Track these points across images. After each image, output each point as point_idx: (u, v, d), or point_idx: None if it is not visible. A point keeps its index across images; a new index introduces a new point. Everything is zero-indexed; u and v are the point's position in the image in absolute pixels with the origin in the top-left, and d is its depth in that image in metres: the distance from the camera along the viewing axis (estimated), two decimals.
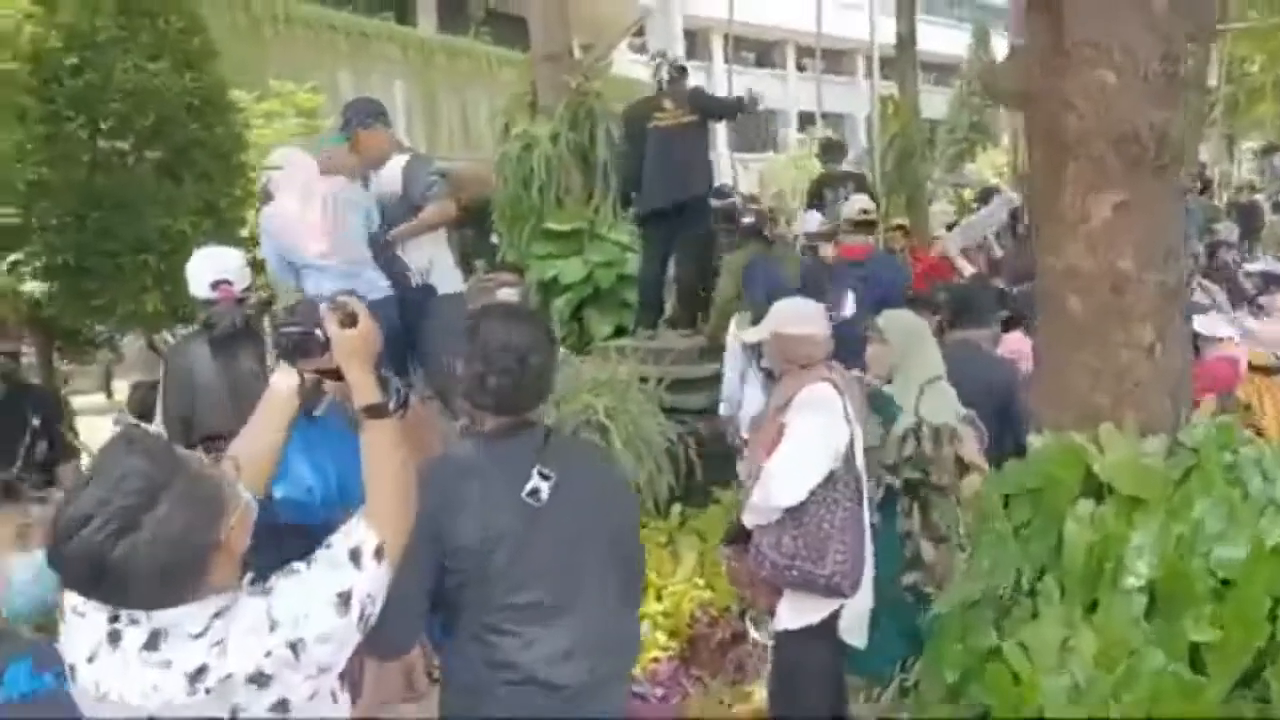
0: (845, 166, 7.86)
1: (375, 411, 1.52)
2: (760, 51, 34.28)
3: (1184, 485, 2.16)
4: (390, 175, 4.03)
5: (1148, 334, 2.26)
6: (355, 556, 1.38)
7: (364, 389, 1.53)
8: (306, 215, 3.86)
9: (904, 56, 9.04)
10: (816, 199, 7.13)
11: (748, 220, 5.46)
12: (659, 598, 3.92)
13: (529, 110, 6.33)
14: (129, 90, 4.15)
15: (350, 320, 1.55)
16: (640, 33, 22.58)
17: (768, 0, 31.60)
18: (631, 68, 23.57)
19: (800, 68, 34.37)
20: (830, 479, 2.64)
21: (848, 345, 3.29)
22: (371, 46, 15.58)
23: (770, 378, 3.52)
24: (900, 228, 7.53)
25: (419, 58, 16.57)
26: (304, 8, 14.02)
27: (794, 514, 2.63)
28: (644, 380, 4.70)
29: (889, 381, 3.20)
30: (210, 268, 3.41)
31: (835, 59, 30.21)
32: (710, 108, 5.65)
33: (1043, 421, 2.44)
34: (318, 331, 1.54)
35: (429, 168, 4.07)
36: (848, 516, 2.66)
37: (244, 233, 4.78)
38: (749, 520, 2.74)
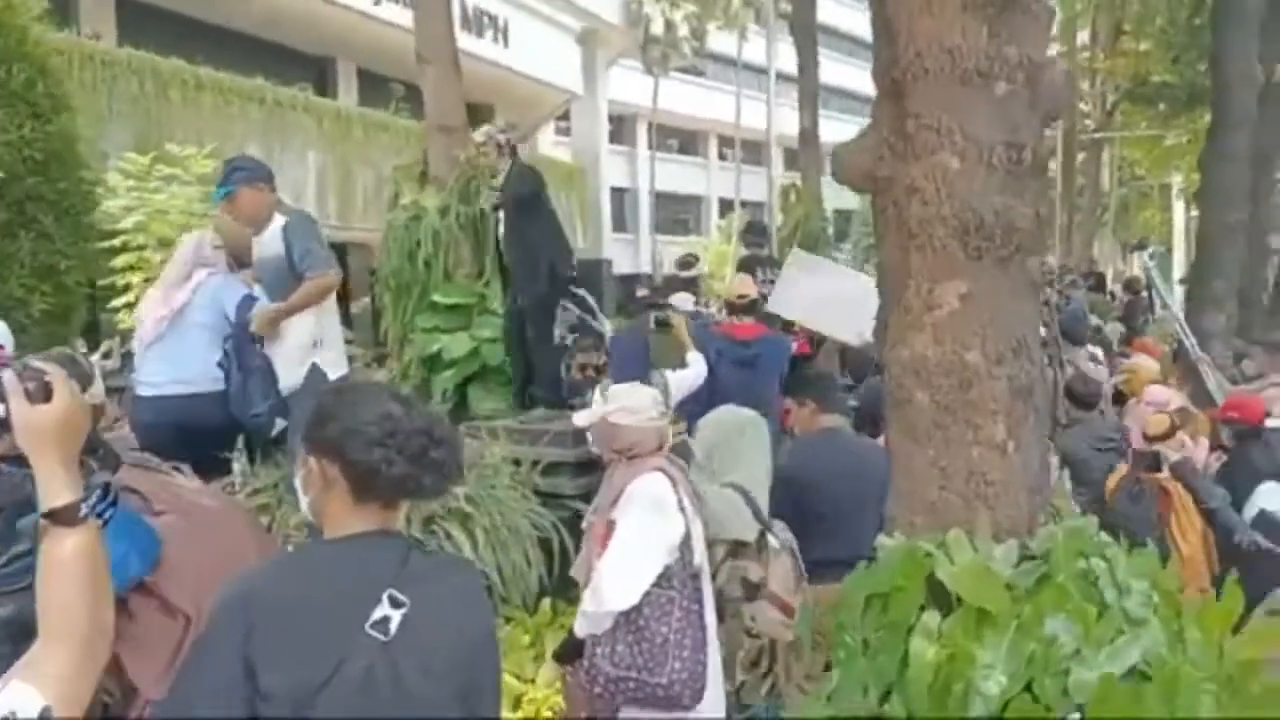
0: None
1: (59, 517, 1.20)
2: (683, 139, 35.11)
3: (1035, 597, 2.00)
4: (272, 239, 3.86)
5: (999, 431, 2.12)
6: None
7: (50, 485, 1.21)
8: (172, 293, 3.89)
9: (807, 148, 9.25)
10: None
11: (641, 293, 5.40)
12: (516, 705, 3.61)
13: (419, 180, 6.16)
14: None
15: (43, 394, 1.24)
16: (565, 116, 22.91)
17: (690, 91, 32.60)
18: (555, 149, 23.83)
19: (722, 156, 35.27)
20: (666, 577, 2.44)
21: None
22: (286, 116, 15.39)
23: None
24: None
25: (335, 129, 16.43)
26: (217, 75, 13.80)
27: (628, 618, 2.40)
28: (517, 463, 4.46)
29: None
30: None
31: (754, 149, 31.12)
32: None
33: (895, 523, 2.28)
34: None
35: (312, 230, 3.85)
36: (685, 619, 2.45)
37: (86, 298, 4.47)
38: (581, 629, 2.51)
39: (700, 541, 2.63)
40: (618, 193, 28.44)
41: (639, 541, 2.44)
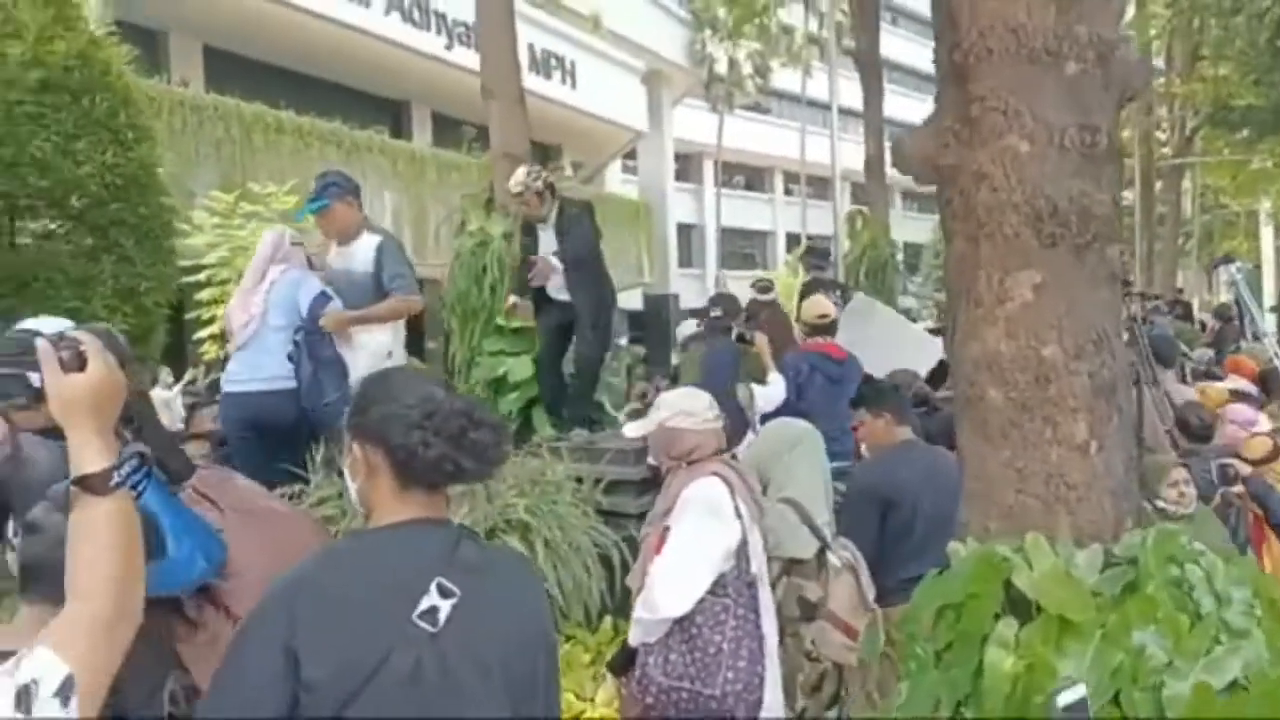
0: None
1: (89, 484, 1.17)
2: (748, 176, 35.17)
3: (1121, 605, 1.87)
4: (363, 255, 4.02)
5: (1080, 430, 2.00)
6: (25, 699, 1.01)
7: (82, 453, 1.18)
8: (249, 298, 4.02)
9: (873, 177, 9.18)
10: None
11: (715, 314, 5.42)
12: None
13: (485, 208, 6.24)
14: (45, 167, 4.02)
15: (77, 363, 1.22)
16: (632, 154, 23.17)
17: (755, 128, 32.72)
18: (623, 186, 24.11)
19: (787, 192, 35.22)
20: (720, 585, 2.35)
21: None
22: (364, 157, 15.87)
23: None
24: None
25: (409, 169, 16.89)
26: (297, 119, 14.32)
27: (682, 626, 2.32)
28: (579, 481, 4.42)
29: None
30: None
31: (819, 185, 30.98)
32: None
33: (968, 528, 2.16)
34: (31, 375, 1.22)
35: (403, 255, 4.00)
36: (740, 627, 2.36)
37: (167, 320, 4.60)
38: (635, 638, 2.43)
39: (759, 549, 2.54)
40: (684, 229, 28.58)
41: (693, 547, 2.37)
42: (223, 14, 13.97)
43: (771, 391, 4.75)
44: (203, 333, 8.94)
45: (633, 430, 2.85)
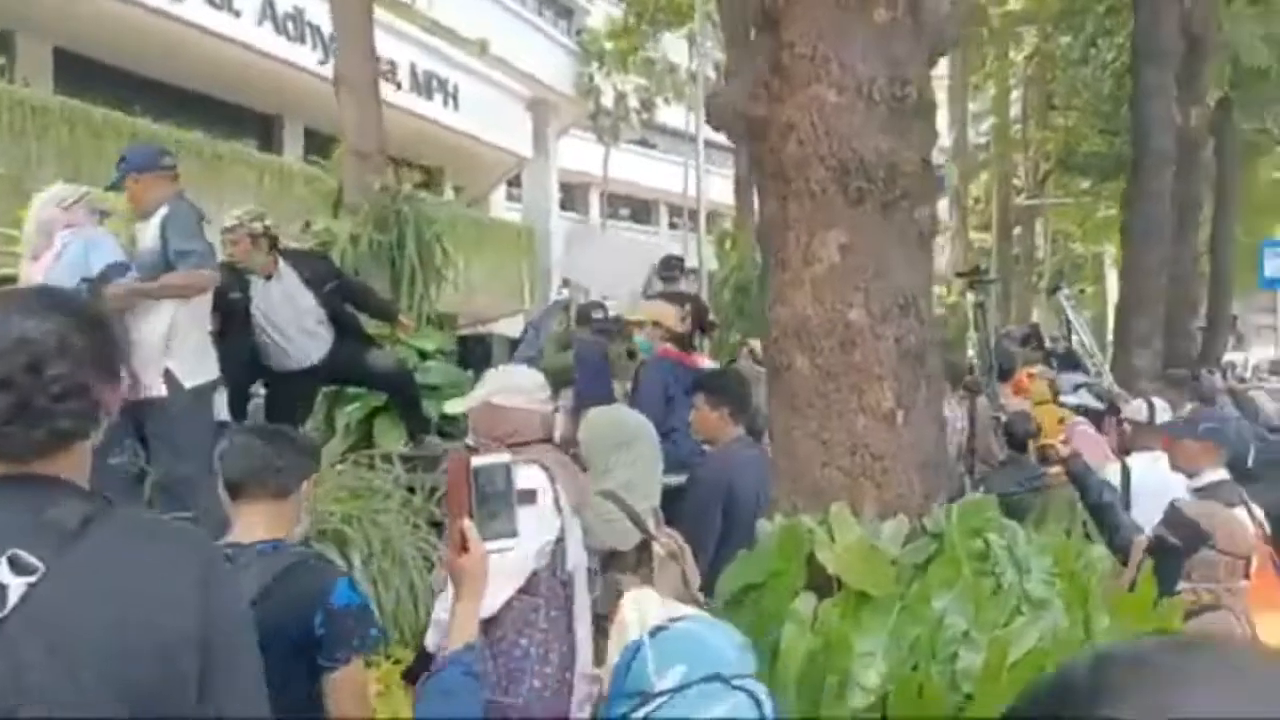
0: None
1: None
2: (634, 208, 35.46)
3: (922, 577, 1.77)
4: (153, 229, 3.60)
5: (886, 398, 1.92)
6: None
7: None
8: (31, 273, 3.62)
9: (742, 201, 9.30)
10: None
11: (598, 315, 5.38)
12: None
13: (333, 208, 5.94)
14: None
15: None
16: (517, 182, 22.98)
17: (641, 162, 33.04)
18: (508, 213, 23.90)
19: (672, 225, 35.63)
20: (532, 583, 2.17)
21: None
22: (226, 169, 15.18)
23: None
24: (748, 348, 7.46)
25: (276, 183, 16.27)
26: (152, 126, 13.59)
27: (485, 630, 2.11)
28: (411, 490, 4.16)
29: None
30: None
31: (709, 219, 31.43)
32: None
33: (776, 506, 2.05)
34: None
35: (192, 224, 3.57)
36: (551, 630, 2.17)
37: None
38: (431, 641, 2.21)
39: (578, 546, 2.37)
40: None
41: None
42: (76, 16, 13.18)
43: None
44: None
45: (454, 406, 2.64)
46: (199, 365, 3.62)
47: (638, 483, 2.75)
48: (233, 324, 4.34)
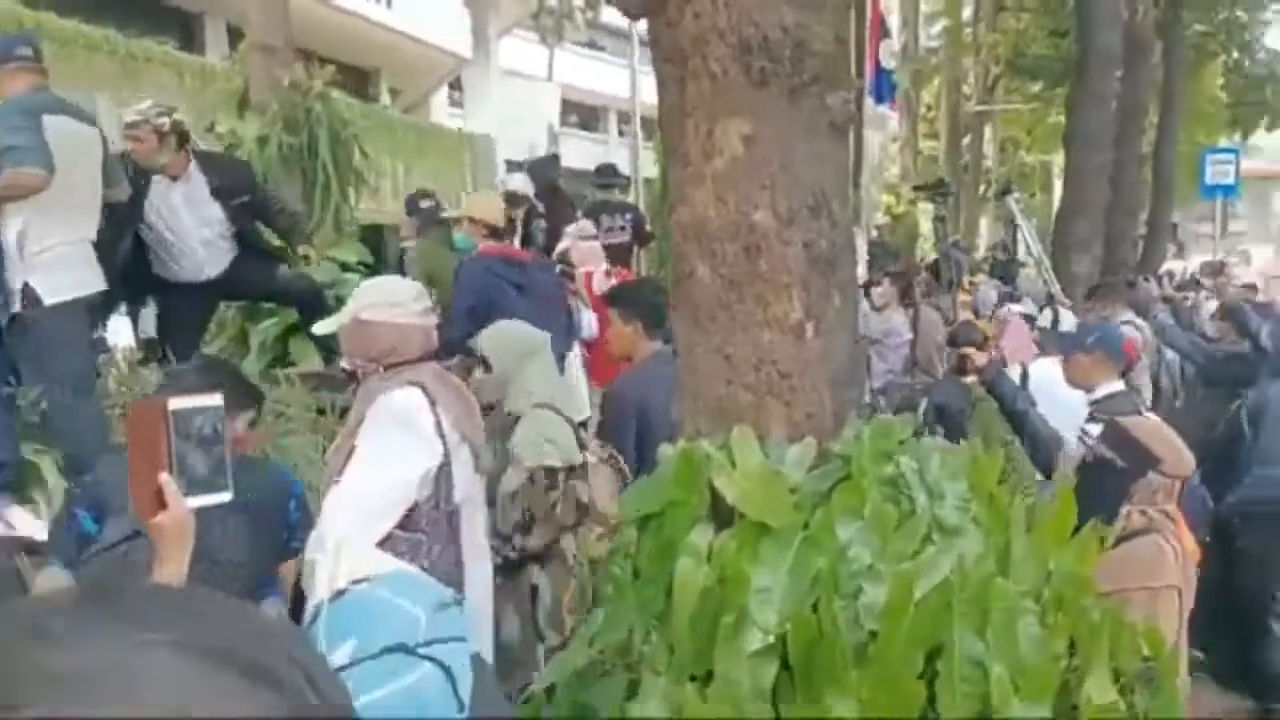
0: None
1: None
2: (583, 115, 34.53)
3: (826, 505, 1.62)
4: None
5: (794, 309, 1.74)
6: None
7: None
8: None
9: None
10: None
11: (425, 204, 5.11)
12: None
13: (238, 109, 5.52)
14: None
15: None
16: (456, 85, 22.07)
17: (588, 65, 32.01)
18: (450, 120, 23.08)
19: (621, 132, 34.83)
20: (412, 518, 1.99)
21: None
22: (143, 69, 14.30)
23: None
24: None
25: (199, 84, 15.41)
26: (64, 24, 12.67)
27: None
28: (320, 412, 3.95)
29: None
30: None
31: (655, 126, 30.71)
32: None
33: (680, 428, 1.88)
34: None
35: (18, 118, 3.16)
36: (436, 568, 2.01)
37: None
38: (305, 581, 2.04)
39: (467, 474, 2.19)
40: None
41: (377, 473, 1.99)
42: None
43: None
44: None
45: (323, 326, 2.42)
46: (64, 278, 3.27)
47: (561, 395, 2.59)
48: (118, 224, 3.99)
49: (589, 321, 5.22)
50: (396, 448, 2.04)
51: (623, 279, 5.48)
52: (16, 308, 3.14)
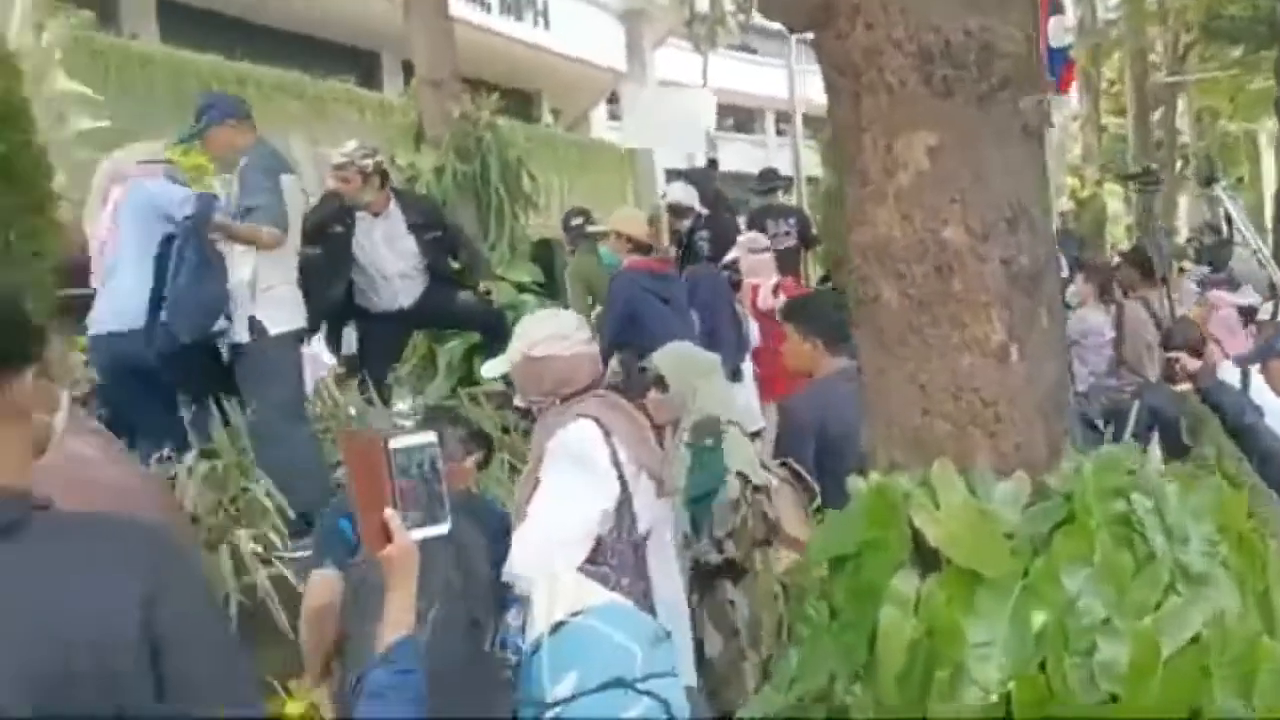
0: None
1: None
2: (738, 117, 34.33)
3: (1048, 551, 1.47)
4: (235, 180, 3.57)
5: (995, 331, 1.59)
6: None
7: None
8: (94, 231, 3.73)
9: None
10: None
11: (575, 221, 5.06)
12: None
13: (414, 141, 5.78)
14: None
15: None
16: (614, 99, 22.45)
17: (743, 68, 31.82)
18: (610, 133, 23.53)
19: (780, 132, 34.39)
20: (599, 552, 1.97)
21: None
22: (329, 109, 15.32)
23: None
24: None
25: (379, 119, 16.36)
26: (264, 71, 13.77)
27: None
28: (505, 431, 4.05)
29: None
30: None
31: (815, 124, 30.16)
32: None
33: (873, 460, 1.76)
34: None
35: (266, 179, 3.47)
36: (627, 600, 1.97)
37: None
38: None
39: (649, 502, 2.15)
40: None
41: (555, 511, 1.98)
42: None
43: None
44: None
45: (491, 370, 2.43)
46: (284, 314, 3.59)
47: (735, 412, 2.56)
48: (334, 259, 4.32)
49: (754, 332, 5.18)
50: (576, 485, 2.04)
51: (789, 290, 5.36)
52: (246, 338, 3.43)
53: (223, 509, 3.32)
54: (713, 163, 8.31)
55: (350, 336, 5.06)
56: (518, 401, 2.48)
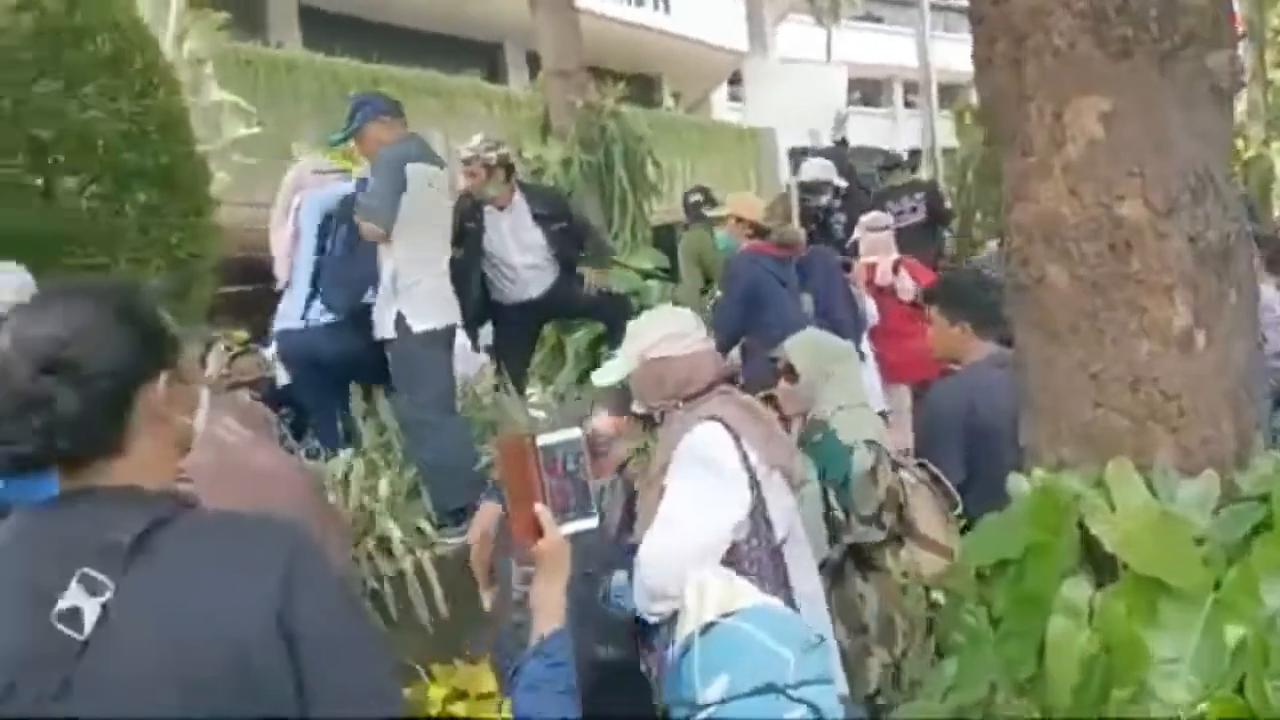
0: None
1: None
2: (865, 90, 33.37)
3: (1244, 560, 1.32)
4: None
5: (1179, 315, 1.44)
6: None
7: None
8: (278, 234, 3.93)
9: None
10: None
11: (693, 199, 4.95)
12: None
13: (540, 133, 5.83)
14: (49, 114, 3.86)
15: None
16: (736, 79, 22.18)
17: (868, 39, 30.91)
18: (731, 114, 23.28)
19: (908, 103, 33.27)
20: (734, 558, 1.90)
21: None
22: (459, 104, 15.71)
23: None
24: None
25: (506, 113, 16.67)
26: (391, 70, 14.23)
27: None
28: None
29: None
30: None
31: (948, 93, 28.99)
32: None
33: (1035, 457, 1.64)
34: None
35: (389, 174, 3.54)
36: None
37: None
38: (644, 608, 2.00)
39: (784, 503, 2.06)
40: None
41: (686, 518, 1.91)
42: None
43: None
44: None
45: (604, 377, 2.32)
46: (432, 310, 3.62)
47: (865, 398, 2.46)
48: (468, 254, 4.41)
49: (871, 309, 5.01)
50: (706, 490, 1.96)
51: (910, 267, 5.15)
52: (392, 333, 3.53)
53: (373, 498, 3.42)
54: (843, 142, 8.01)
55: (487, 330, 5.17)
56: (636, 408, 2.35)
